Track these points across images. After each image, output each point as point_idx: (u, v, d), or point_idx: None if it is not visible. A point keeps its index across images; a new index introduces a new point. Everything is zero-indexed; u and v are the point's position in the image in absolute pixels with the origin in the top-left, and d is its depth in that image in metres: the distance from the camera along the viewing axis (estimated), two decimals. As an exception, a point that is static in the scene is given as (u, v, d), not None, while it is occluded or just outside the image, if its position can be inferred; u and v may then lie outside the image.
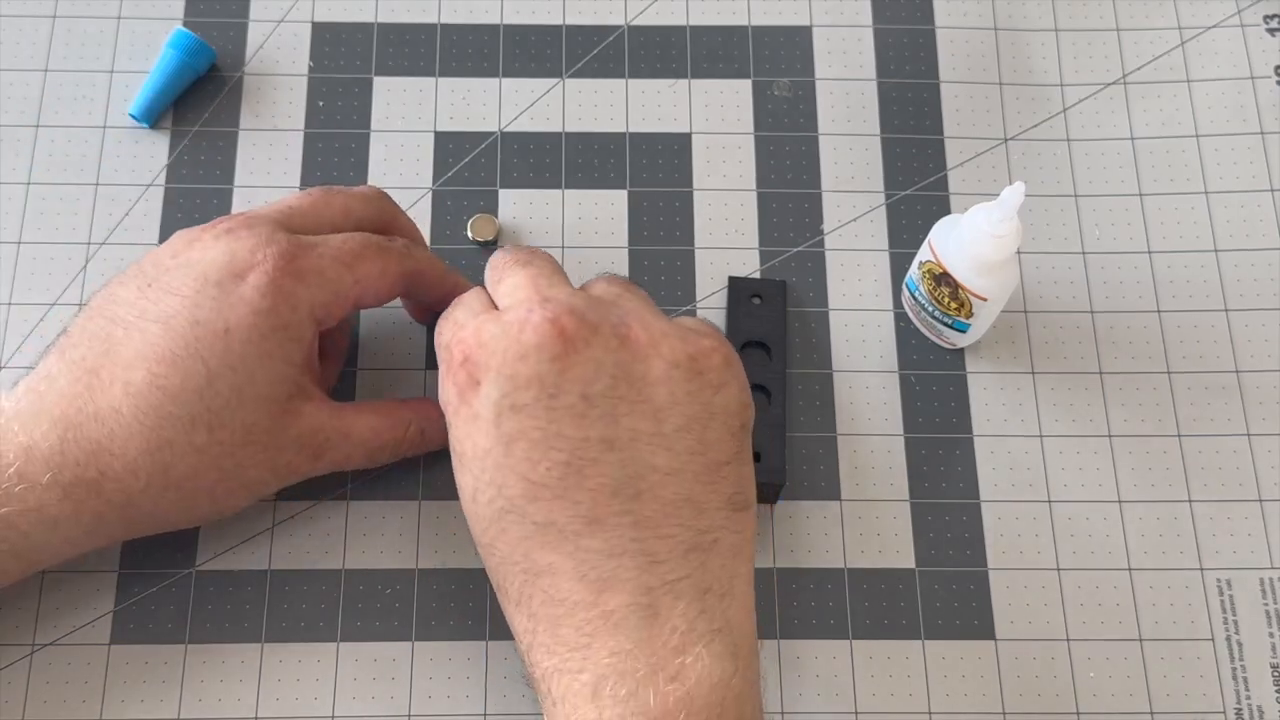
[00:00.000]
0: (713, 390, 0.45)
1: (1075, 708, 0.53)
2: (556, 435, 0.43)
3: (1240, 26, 0.65)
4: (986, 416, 0.57)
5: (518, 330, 0.44)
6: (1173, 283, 0.60)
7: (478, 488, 0.45)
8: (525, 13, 0.64)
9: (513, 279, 0.48)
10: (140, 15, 0.63)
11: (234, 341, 0.47)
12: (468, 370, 0.45)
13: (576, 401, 0.44)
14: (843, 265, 0.60)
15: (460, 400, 0.45)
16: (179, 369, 0.46)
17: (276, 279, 0.48)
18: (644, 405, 0.44)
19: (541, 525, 0.43)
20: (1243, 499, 0.56)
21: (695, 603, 0.43)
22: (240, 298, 0.47)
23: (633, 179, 0.61)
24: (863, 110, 0.63)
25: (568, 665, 0.42)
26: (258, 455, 0.49)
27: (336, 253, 0.49)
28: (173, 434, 0.46)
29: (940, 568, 0.55)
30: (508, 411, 0.44)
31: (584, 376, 0.44)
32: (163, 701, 0.52)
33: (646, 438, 0.44)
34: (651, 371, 0.45)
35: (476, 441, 0.44)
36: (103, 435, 0.46)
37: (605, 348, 0.44)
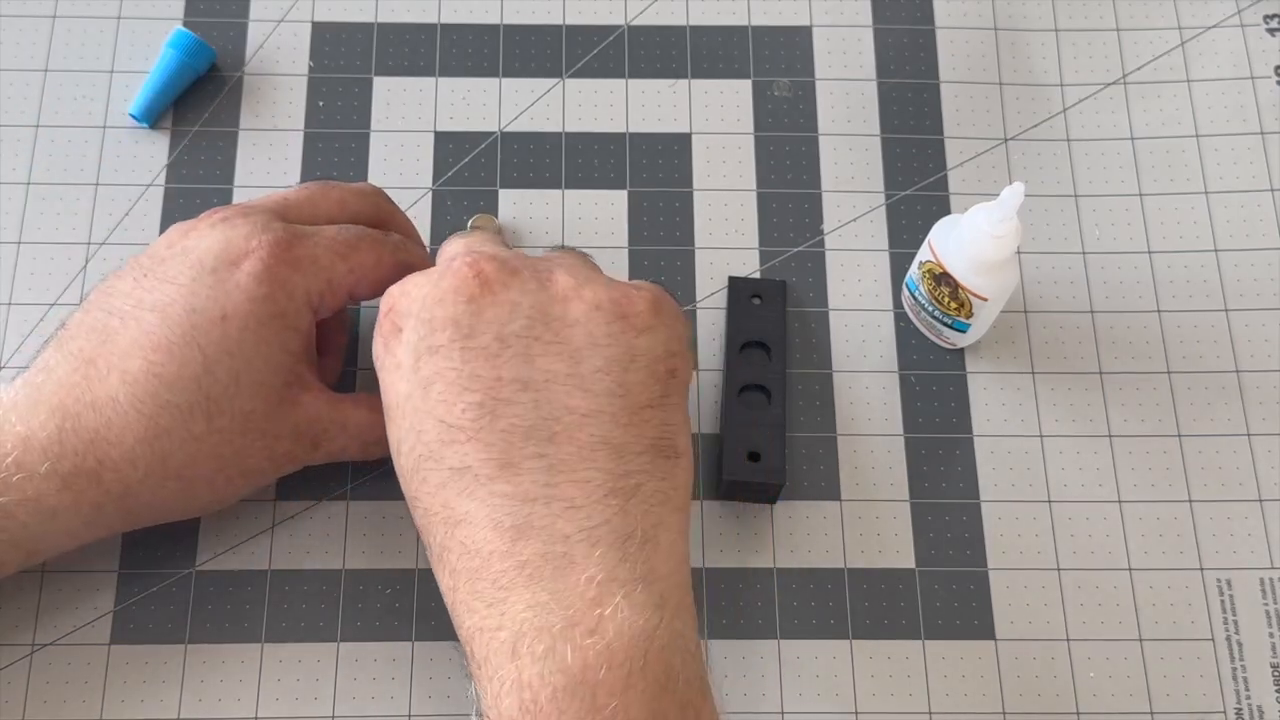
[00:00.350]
0: (635, 333, 0.45)
1: (1075, 708, 0.53)
2: (471, 376, 0.43)
3: (1240, 26, 0.65)
4: (986, 416, 0.57)
5: (438, 276, 0.45)
6: (1173, 283, 0.60)
7: (400, 438, 0.45)
8: (525, 13, 0.64)
9: (450, 245, 0.49)
10: (140, 15, 0.63)
11: (231, 328, 0.47)
12: (391, 320, 0.46)
13: (491, 342, 0.44)
14: (843, 265, 0.60)
15: (385, 350, 0.46)
16: (175, 356, 0.46)
17: (272, 266, 0.48)
18: (561, 346, 0.44)
19: (457, 470, 0.43)
20: (1243, 499, 0.56)
21: (614, 550, 0.41)
22: (236, 285, 0.47)
23: (633, 179, 0.61)
24: (863, 110, 0.63)
25: (487, 623, 0.41)
26: (256, 443, 0.49)
27: (331, 242, 0.50)
28: (170, 422, 0.46)
29: (940, 568, 0.55)
30: (425, 354, 0.44)
31: (499, 318, 0.44)
32: (163, 701, 0.52)
33: (562, 379, 0.44)
34: (570, 313, 0.45)
35: (398, 389, 0.45)
36: (100, 424, 0.46)
37: (523, 290, 0.45)
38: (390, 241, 0.51)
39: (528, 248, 0.60)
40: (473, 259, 0.45)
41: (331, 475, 0.55)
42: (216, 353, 0.47)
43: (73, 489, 0.46)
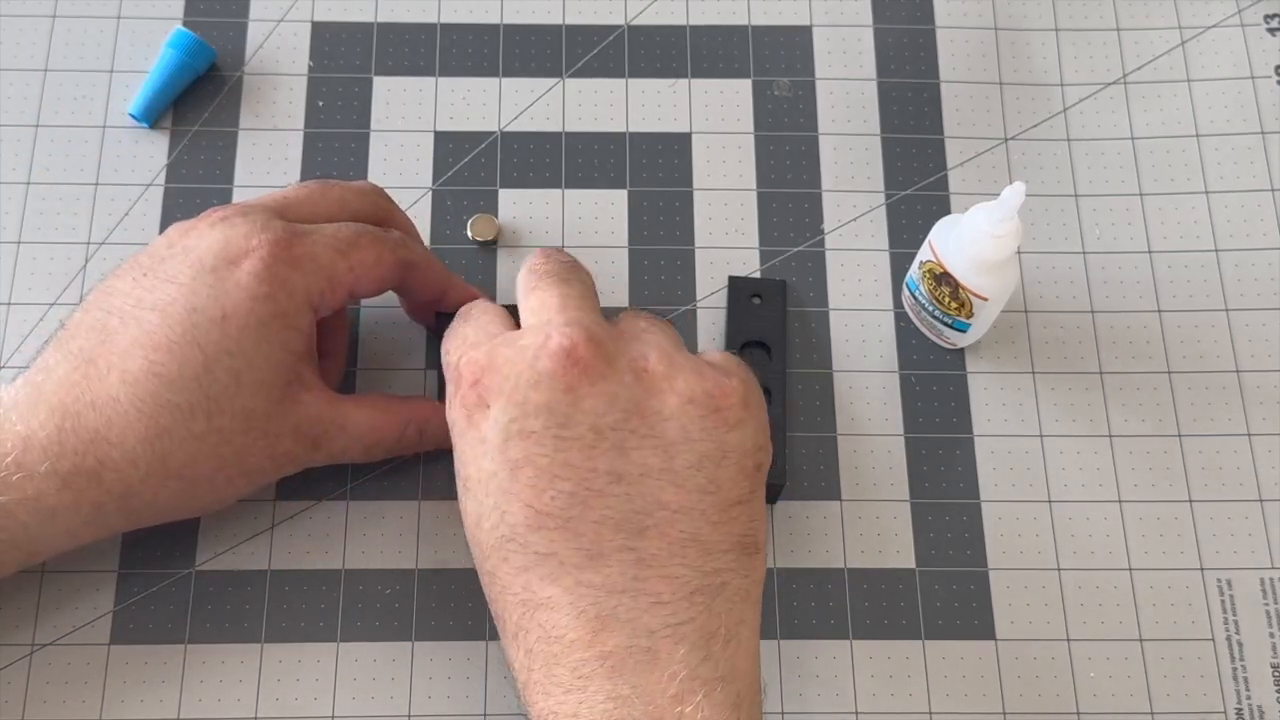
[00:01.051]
0: (728, 428, 0.44)
1: (1075, 708, 0.53)
2: (564, 464, 0.43)
3: (1240, 26, 0.65)
4: (986, 416, 0.57)
5: (533, 355, 0.44)
6: (1173, 283, 0.60)
7: (481, 513, 0.44)
8: (525, 13, 0.64)
9: (543, 294, 0.47)
10: (140, 15, 0.63)
11: (231, 328, 0.47)
12: (478, 393, 0.44)
13: (586, 433, 0.43)
14: (843, 265, 0.60)
15: (468, 423, 0.44)
16: (176, 356, 0.46)
17: (272, 265, 0.47)
18: (655, 440, 0.43)
19: (543, 556, 0.42)
20: (1243, 499, 0.56)
21: (699, 648, 0.42)
22: (236, 284, 0.47)
23: (633, 179, 0.61)
24: (863, 110, 0.63)
25: (562, 708, 0.41)
26: (257, 443, 0.48)
27: (331, 240, 0.49)
28: (171, 422, 0.46)
29: (940, 568, 0.55)
30: (516, 437, 0.43)
31: (595, 409, 0.43)
32: (163, 701, 0.52)
33: (656, 473, 0.43)
34: (665, 406, 0.44)
35: (482, 465, 0.44)
36: (100, 424, 0.46)
37: (620, 381, 0.44)
38: (390, 239, 0.51)
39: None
40: (570, 342, 0.43)
41: (331, 475, 0.55)
42: (217, 352, 0.47)
43: (73, 488, 0.46)
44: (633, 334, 0.46)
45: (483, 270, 0.59)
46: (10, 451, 0.45)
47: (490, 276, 0.59)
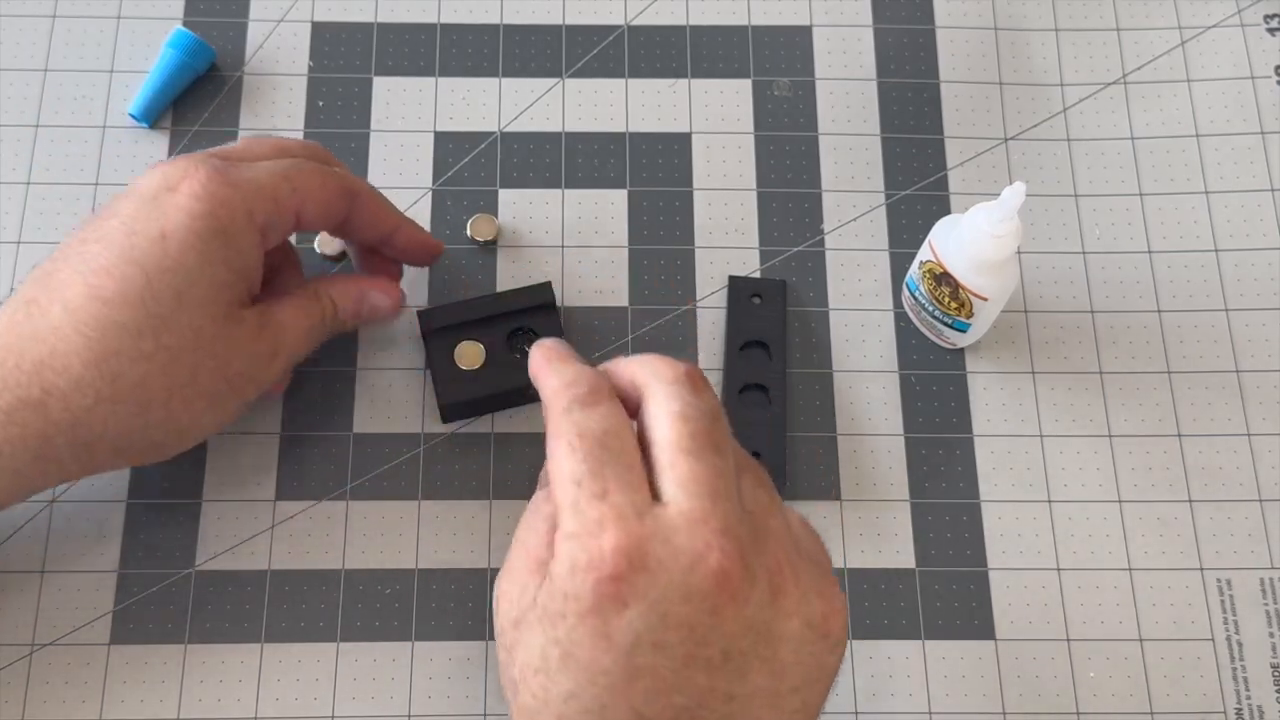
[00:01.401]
0: (829, 650, 0.42)
1: (1075, 708, 0.53)
2: (687, 680, 0.40)
3: (1240, 26, 0.65)
4: (986, 416, 0.57)
5: (688, 567, 0.40)
6: (1173, 283, 0.60)
7: (578, 695, 0.40)
8: (525, 13, 0.64)
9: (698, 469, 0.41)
10: (140, 15, 0.63)
11: (171, 246, 0.47)
12: (618, 586, 0.39)
13: (716, 655, 0.40)
14: (843, 265, 0.60)
15: (594, 609, 0.40)
16: (114, 276, 0.46)
17: (209, 185, 0.47)
18: (772, 663, 0.41)
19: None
20: (1243, 499, 0.56)
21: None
22: (175, 205, 0.47)
23: (633, 179, 0.61)
24: (863, 110, 0.63)
25: None
26: (207, 362, 0.48)
27: (271, 166, 0.50)
28: (119, 343, 0.46)
29: (940, 568, 0.55)
30: (648, 647, 0.40)
31: (732, 633, 0.40)
32: (163, 701, 0.52)
33: (763, 695, 0.41)
34: (788, 629, 0.41)
35: (597, 658, 0.40)
36: (44, 353, 0.46)
37: (759, 604, 0.41)
38: (332, 169, 0.51)
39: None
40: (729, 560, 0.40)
41: (331, 475, 0.55)
42: (157, 270, 0.46)
43: (16, 422, 0.46)
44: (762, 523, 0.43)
45: (483, 271, 0.59)
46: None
47: (490, 276, 0.59)
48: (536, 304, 0.56)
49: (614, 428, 0.42)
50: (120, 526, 0.54)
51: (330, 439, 0.56)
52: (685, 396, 0.43)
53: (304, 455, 0.56)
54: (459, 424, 0.57)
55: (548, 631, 0.41)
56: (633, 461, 0.42)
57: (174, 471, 0.55)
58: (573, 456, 0.41)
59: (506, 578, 0.43)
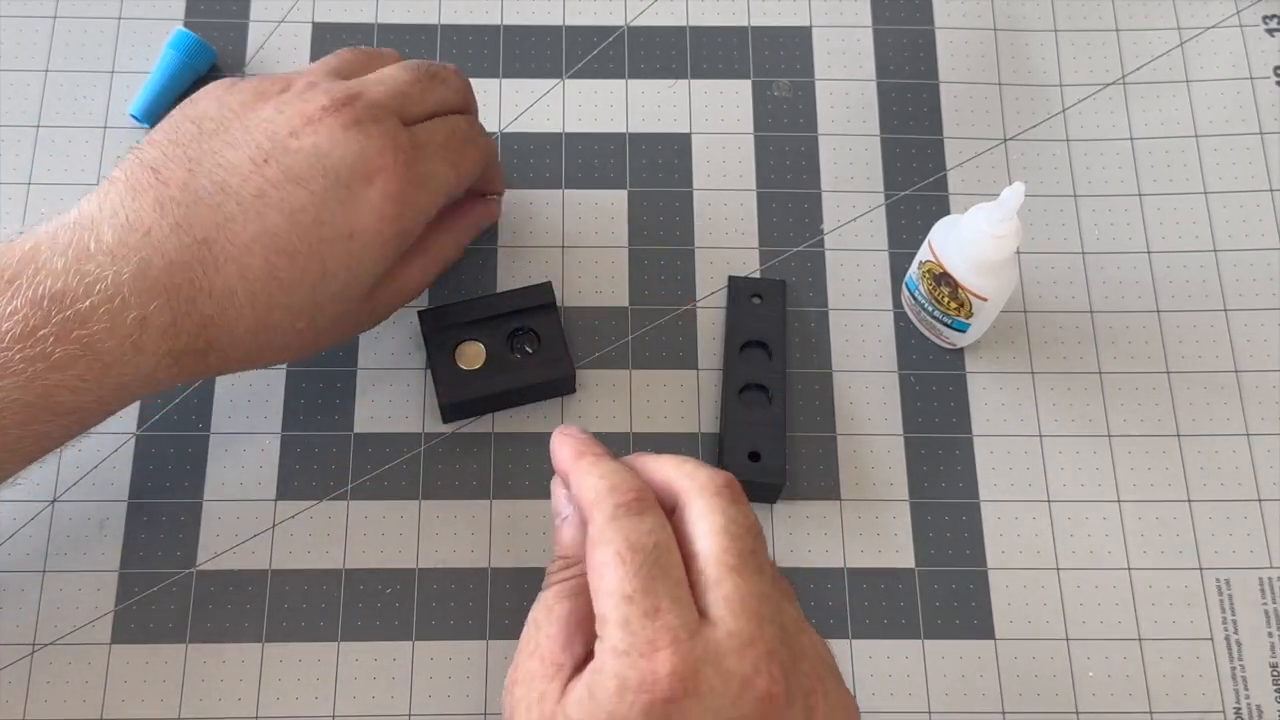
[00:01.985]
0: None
1: (1075, 707, 0.53)
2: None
3: (1240, 27, 0.65)
4: (986, 416, 0.58)
5: (738, 691, 0.39)
6: (1172, 283, 0.60)
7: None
8: (525, 13, 0.64)
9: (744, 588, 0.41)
10: (140, 15, 0.63)
11: (356, 245, 0.48)
12: (668, 710, 0.39)
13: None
14: (843, 265, 0.60)
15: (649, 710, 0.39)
16: (298, 265, 0.47)
17: (404, 189, 0.49)
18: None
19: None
20: (1242, 499, 0.56)
21: None
22: (369, 204, 0.48)
23: (633, 179, 0.61)
24: (863, 110, 0.63)
25: None
26: (343, 327, 0.52)
27: (442, 150, 0.51)
28: (279, 319, 0.48)
29: (940, 567, 0.55)
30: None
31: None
32: (163, 701, 0.52)
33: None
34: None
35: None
36: (215, 312, 0.47)
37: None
38: (483, 142, 0.54)
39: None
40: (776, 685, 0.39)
41: (331, 475, 0.55)
42: (338, 267, 0.48)
43: (181, 364, 0.48)
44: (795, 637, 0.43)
45: (483, 271, 0.59)
46: (130, 334, 0.45)
47: (490, 276, 0.59)
48: (536, 304, 0.56)
49: (664, 541, 0.41)
50: (120, 526, 0.54)
51: (330, 439, 0.56)
52: (729, 510, 0.42)
53: (304, 455, 0.56)
54: (459, 424, 0.57)
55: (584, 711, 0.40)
56: (681, 577, 0.41)
57: (174, 471, 0.55)
58: (622, 569, 0.40)
59: (522, 683, 0.42)
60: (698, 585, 0.41)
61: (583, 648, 0.42)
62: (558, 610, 0.43)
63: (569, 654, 0.42)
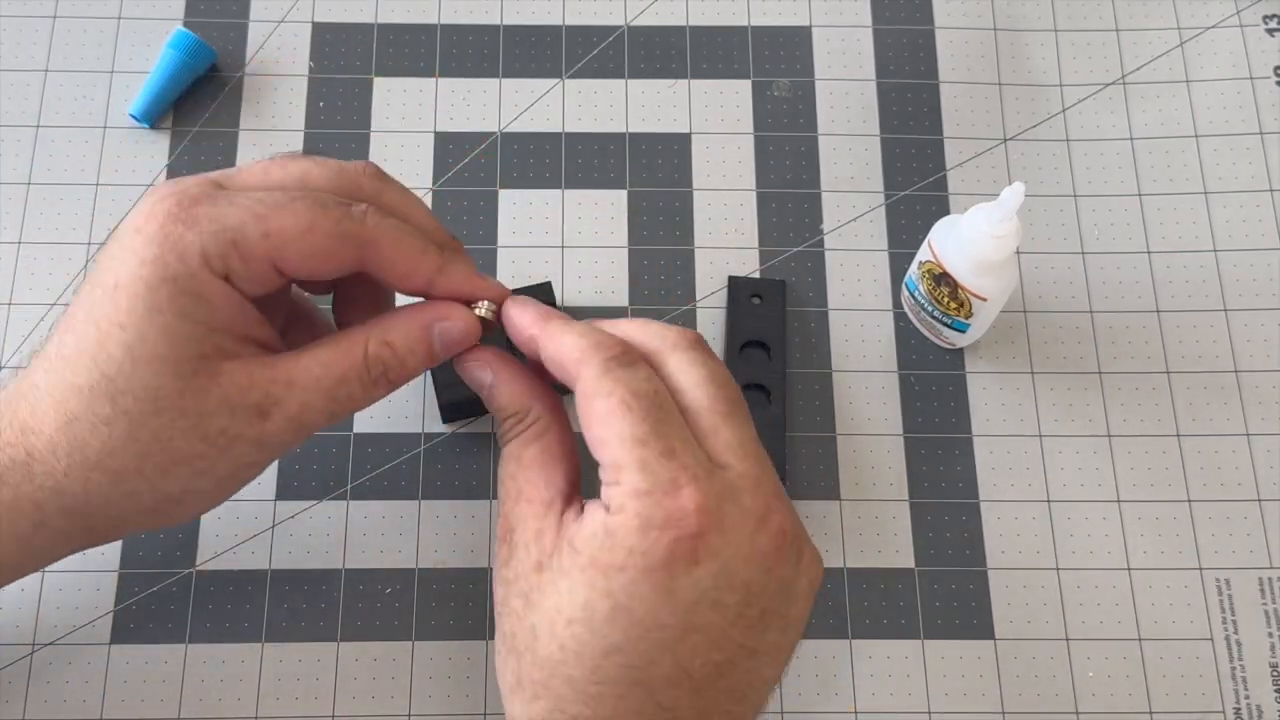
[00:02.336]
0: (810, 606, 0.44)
1: (1075, 707, 0.53)
2: (727, 638, 0.41)
3: (1240, 27, 0.65)
4: (986, 416, 0.58)
5: (755, 527, 0.41)
6: (1172, 283, 0.60)
7: (624, 649, 0.40)
8: (525, 13, 0.64)
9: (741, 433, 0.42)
10: (140, 15, 0.63)
11: (121, 296, 0.41)
12: (694, 546, 0.40)
13: (756, 614, 0.41)
14: (842, 265, 0.60)
15: (664, 565, 0.40)
16: (75, 333, 0.42)
17: (166, 225, 0.41)
18: (785, 621, 0.43)
19: (663, 708, 0.41)
20: (1242, 499, 0.56)
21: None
22: (129, 249, 0.42)
23: (633, 179, 0.61)
24: (863, 110, 0.63)
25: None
26: (177, 423, 0.42)
27: (249, 200, 0.42)
28: (77, 407, 0.42)
29: (939, 567, 0.55)
30: (708, 606, 0.40)
31: (774, 593, 0.42)
32: (163, 701, 0.52)
33: (773, 651, 0.43)
34: (800, 588, 0.43)
35: (656, 613, 0.40)
36: (26, 413, 0.43)
37: (793, 565, 0.42)
38: (338, 209, 0.43)
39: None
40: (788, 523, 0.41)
41: (331, 475, 0.55)
42: (109, 325, 0.41)
43: (9, 484, 0.43)
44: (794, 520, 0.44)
45: (482, 270, 0.59)
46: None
47: (489, 275, 0.59)
48: (536, 304, 0.56)
49: (661, 388, 0.42)
50: (120, 526, 0.54)
51: (330, 439, 0.56)
52: (709, 363, 0.43)
53: (304, 455, 0.56)
54: (459, 424, 0.57)
55: (596, 583, 0.40)
56: (685, 423, 0.42)
57: (174, 471, 0.55)
58: (630, 415, 0.41)
59: (519, 527, 0.43)
60: (695, 435, 0.42)
61: (564, 481, 0.43)
62: (529, 454, 0.44)
63: (554, 489, 0.43)
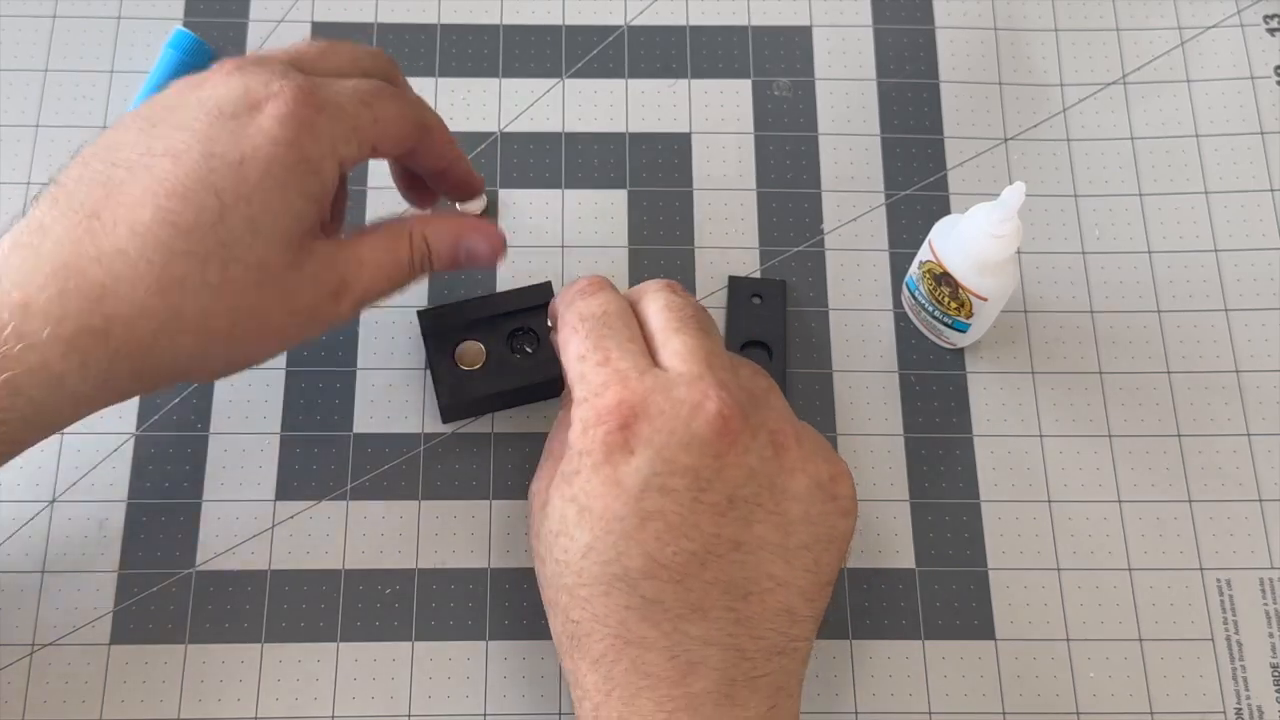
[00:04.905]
0: (840, 515, 0.46)
1: (1075, 708, 0.53)
2: (694, 526, 0.44)
3: (1240, 26, 0.65)
4: (986, 416, 0.58)
5: (689, 414, 0.44)
6: (1173, 283, 0.60)
7: (595, 546, 0.44)
8: (525, 13, 0.64)
9: (690, 341, 0.46)
10: (140, 15, 0.63)
11: (249, 172, 0.44)
12: (625, 436, 0.44)
13: (721, 500, 0.44)
14: (843, 265, 0.60)
15: (605, 458, 0.44)
16: (191, 202, 0.43)
17: (297, 110, 0.45)
18: (778, 517, 0.45)
19: (649, 600, 0.43)
20: (1243, 499, 0.56)
21: (768, 698, 0.44)
22: (258, 128, 0.44)
23: (633, 179, 0.61)
24: (863, 110, 0.63)
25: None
26: (272, 294, 0.45)
27: (355, 90, 0.47)
28: (184, 271, 0.43)
29: (940, 568, 0.55)
30: (655, 491, 0.44)
31: (735, 479, 0.44)
32: (163, 701, 0.52)
33: (771, 547, 0.45)
34: (794, 485, 0.46)
35: (610, 505, 0.44)
36: (107, 279, 0.43)
37: (761, 455, 0.45)
38: (409, 97, 0.50)
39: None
40: (725, 409, 0.44)
41: (331, 475, 0.55)
42: (234, 199, 0.44)
43: (79, 350, 0.43)
44: (761, 397, 0.47)
45: (483, 270, 0.59)
46: (8, 322, 0.42)
47: (490, 276, 0.59)
48: (536, 304, 0.56)
49: (613, 309, 0.47)
50: (120, 526, 0.54)
51: (330, 439, 0.56)
52: (670, 295, 0.48)
53: (304, 455, 0.56)
54: (459, 424, 0.57)
55: (564, 493, 0.45)
56: (633, 334, 0.47)
57: (173, 472, 0.55)
58: (575, 337, 0.47)
59: (535, 480, 0.48)
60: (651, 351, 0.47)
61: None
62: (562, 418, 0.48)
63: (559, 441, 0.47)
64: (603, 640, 0.44)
